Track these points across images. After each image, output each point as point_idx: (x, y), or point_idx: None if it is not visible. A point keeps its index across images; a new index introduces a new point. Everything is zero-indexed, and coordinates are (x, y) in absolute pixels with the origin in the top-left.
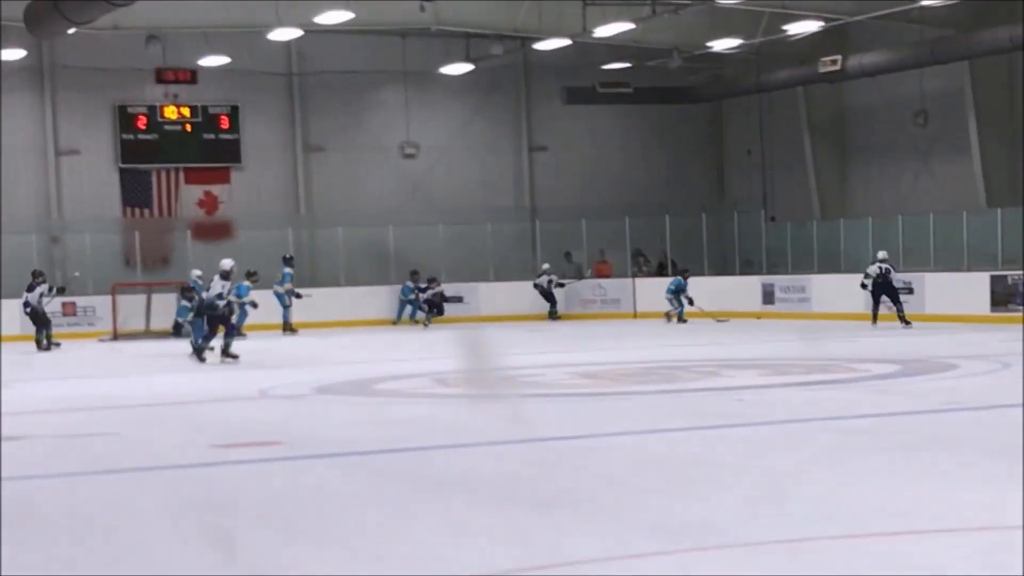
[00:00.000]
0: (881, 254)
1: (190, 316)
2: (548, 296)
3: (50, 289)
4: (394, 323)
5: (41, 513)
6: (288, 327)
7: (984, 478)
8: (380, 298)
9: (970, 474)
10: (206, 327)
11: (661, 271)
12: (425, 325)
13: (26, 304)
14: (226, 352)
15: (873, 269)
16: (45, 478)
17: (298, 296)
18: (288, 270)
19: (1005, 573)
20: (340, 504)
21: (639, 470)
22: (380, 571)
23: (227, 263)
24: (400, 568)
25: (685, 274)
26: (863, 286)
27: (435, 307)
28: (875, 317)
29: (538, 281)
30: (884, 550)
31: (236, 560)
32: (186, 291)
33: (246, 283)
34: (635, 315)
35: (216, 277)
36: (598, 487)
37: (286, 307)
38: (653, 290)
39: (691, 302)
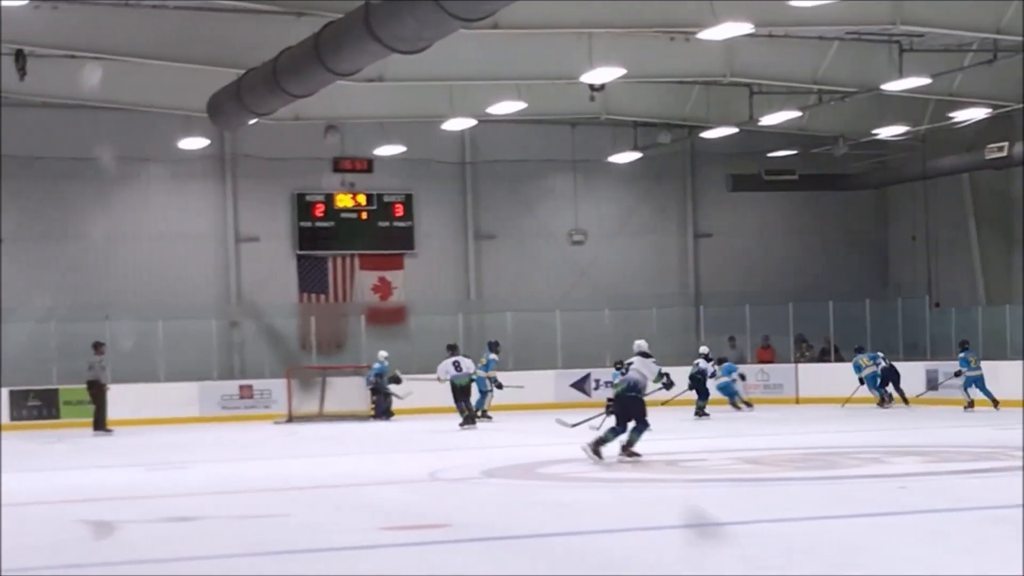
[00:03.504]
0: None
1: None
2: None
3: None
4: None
5: None
6: (484, 413)
7: None
8: (545, 382)
9: None
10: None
11: (823, 357)
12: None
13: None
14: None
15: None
16: (212, 558)
17: (499, 386)
18: (493, 356)
19: None
20: None
21: (800, 557)
22: None
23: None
24: None
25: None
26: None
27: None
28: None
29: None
30: None
31: None
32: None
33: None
34: (797, 400)
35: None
36: (760, 573)
37: (484, 392)
38: (816, 375)
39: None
